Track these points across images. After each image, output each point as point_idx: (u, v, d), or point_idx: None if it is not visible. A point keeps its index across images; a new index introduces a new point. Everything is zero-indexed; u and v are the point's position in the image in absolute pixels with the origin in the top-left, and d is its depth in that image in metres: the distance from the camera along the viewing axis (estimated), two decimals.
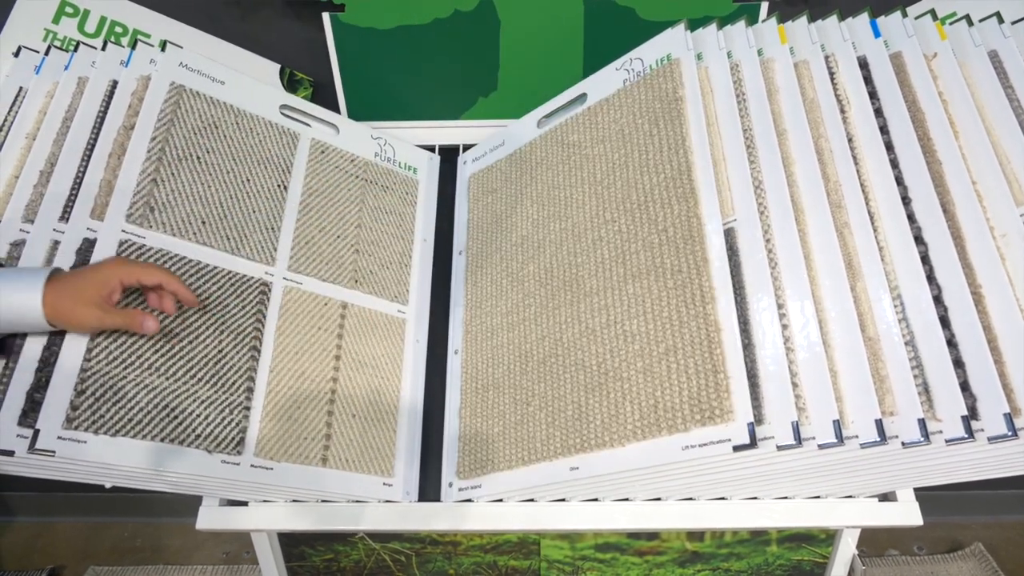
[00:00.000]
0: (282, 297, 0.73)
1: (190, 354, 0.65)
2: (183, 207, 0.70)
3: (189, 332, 0.66)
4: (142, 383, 0.61)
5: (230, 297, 0.70)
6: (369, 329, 0.78)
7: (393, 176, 0.87)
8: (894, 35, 0.68)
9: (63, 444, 0.56)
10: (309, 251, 0.77)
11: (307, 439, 0.69)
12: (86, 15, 0.85)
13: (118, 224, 0.65)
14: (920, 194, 0.59)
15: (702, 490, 0.69)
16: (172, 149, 0.71)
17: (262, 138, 0.78)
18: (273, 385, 0.69)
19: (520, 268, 0.76)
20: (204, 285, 0.68)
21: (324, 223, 0.79)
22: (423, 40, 0.88)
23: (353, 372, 0.75)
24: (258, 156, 0.77)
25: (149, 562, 1.38)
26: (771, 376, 0.55)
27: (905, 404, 0.52)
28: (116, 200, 0.66)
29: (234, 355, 0.67)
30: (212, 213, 0.71)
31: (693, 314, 0.59)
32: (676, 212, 0.64)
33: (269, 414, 0.68)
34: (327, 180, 0.81)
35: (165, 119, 0.71)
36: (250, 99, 0.79)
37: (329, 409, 0.72)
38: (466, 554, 0.83)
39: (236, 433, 0.65)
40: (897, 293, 0.56)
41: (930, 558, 1.31)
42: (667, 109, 0.69)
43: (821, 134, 0.64)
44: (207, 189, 0.72)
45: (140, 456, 0.59)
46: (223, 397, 0.65)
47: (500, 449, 0.69)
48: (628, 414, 0.60)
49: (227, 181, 0.73)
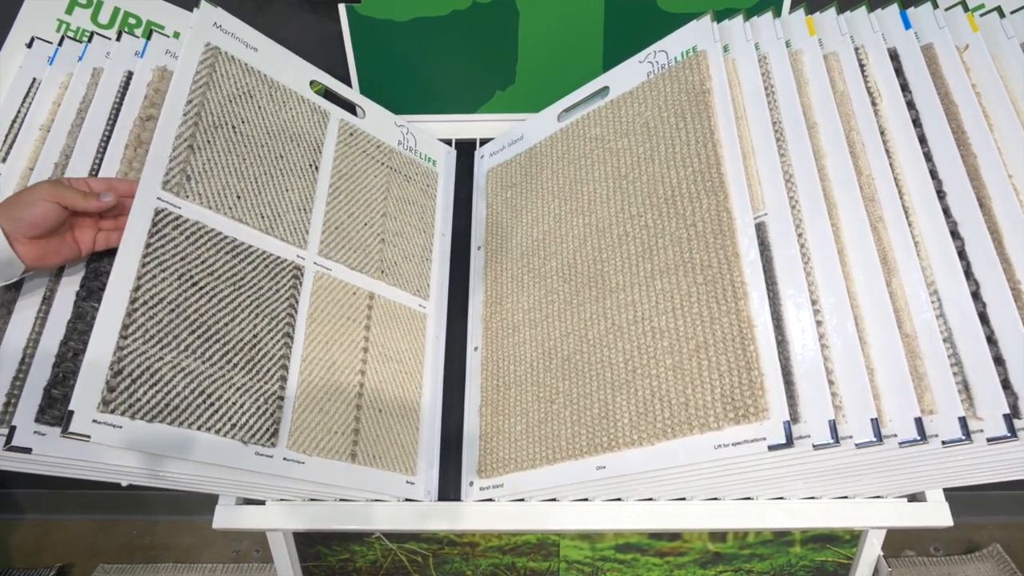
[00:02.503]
0: (313, 283, 0.71)
1: (225, 337, 0.62)
2: (219, 179, 0.66)
3: (225, 313, 0.62)
4: (179, 366, 0.58)
5: (264, 279, 0.67)
6: (394, 322, 0.76)
7: (415, 167, 0.86)
8: (925, 27, 0.66)
9: (98, 429, 0.52)
10: (339, 237, 0.74)
11: (337, 433, 0.67)
12: (99, 6, 0.84)
13: (153, 191, 0.61)
14: (955, 188, 0.58)
15: (729, 490, 0.68)
16: (207, 115, 0.67)
17: (294, 113, 0.75)
18: (305, 375, 0.67)
19: (542, 264, 0.75)
20: (239, 265, 0.65)
21: (352, 209, 0.77)
22: (440, 32, 0.87)
23: (380, 365, 0.73)
24: (290, 132, 0.73)
25: (159, 560, 1.37)
26: (806, 373, 0.54)
27: (945, 402, 0.51)
28: (151, 167, 0.61)
29: (268, 341, 0.65)
30: (247, 188, 0.68)
31: (724, 310, 0.58)
32: (705, 206, 0.63)
33: (301, 405, 0.65)
34: (355, 164, 0.79)
35: (201, 81, 0.67)
36: (282, 70, 0.76)
37: (358, 403, 0.70)
38: (484, 555, 0.82)
39: (271, 424, 0.62)
40: (934, 289, 0.55)
41: (947, 559, 1.30)
42: (694, 102, 0.68)
43: (852, 127, 0.63)
44: (242, 162, 0.68)
45: (175, 445, 0.56)
46: (257, 385, 0.63)
47: (523, 447, 0.68)
48: (657, 412, 0.59)
49: (261, 155, 0.70)
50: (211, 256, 0.64)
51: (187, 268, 0.62)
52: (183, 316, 0.60)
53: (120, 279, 0.57)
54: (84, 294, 0.60)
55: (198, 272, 0.62)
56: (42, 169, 0.67)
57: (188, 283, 0.61)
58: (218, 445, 0.59)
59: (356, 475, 0.68)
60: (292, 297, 0.68)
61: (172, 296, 0.60)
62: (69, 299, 0.60)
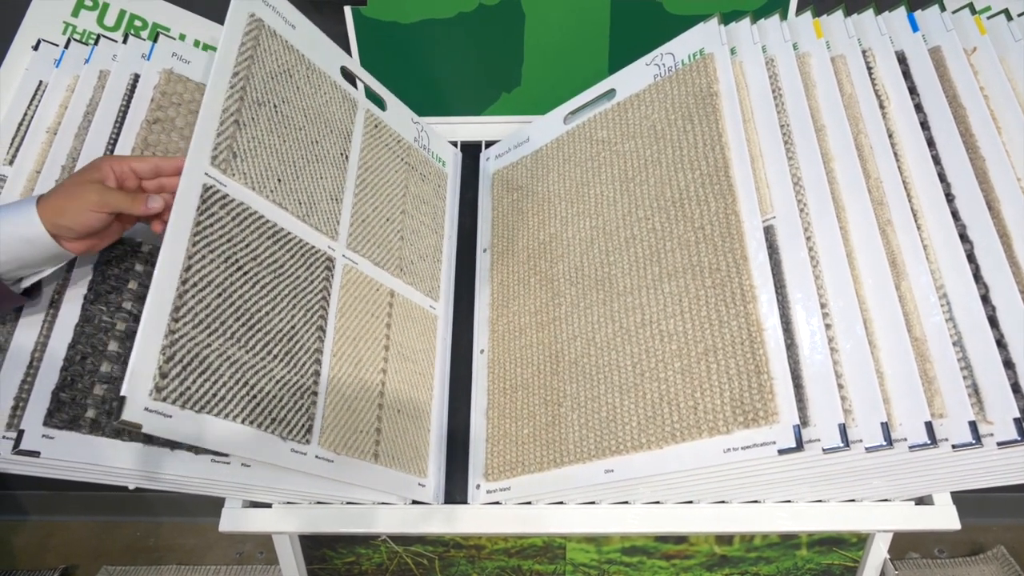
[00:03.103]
0: (342, 275, 0.69)
1: (267, 326, 0.60)
2: (262, 159, 0.63)
3: (266, 301, 0.61)
4: (225, 354, 0.56)
5: (301, 268, 0.65)
6: (410, 322, 0.75)
7: (429, 166, 0.85)
8: (932, 29, 0.66)
9: (149, 418, 0.49)
10: (365, 230, 0.73)
11: (362, 432, 0.66)
12: (105, 8, 0.84)
13: (201, 166, 0.58)
14: (964, 191, 0.58)
15: (736, 493, 0.68)
16: (252, 91, 0.63)
17: (328, 99, 0.73)
18: (335, 370, 0.65)
19: (549, 267, 0.75)
20: (279, 252, 0.63)
21: (377, 203, 0.75)
22: (446, 34, 0.87)
23: (399, 365, 0.72)
24: (325, 118, 0.71)
25: (162, 562, 1.37)
26: (815, 377, 0.54)
27: (955, 406, 0.51)
28: (199, 140, 0.58)
29: (304, 333, 0.63)
30: (287, 172, 0.65)
31: (733, 313, 0.58)
32: (713, 209, 0.63)
33: (331, 401, 0.64)
34: (378, 157, 0.78)
35: (246, 54, 0.64)
36: (318, 52, 0.73)
37: (380, 402, 0.69)
38: (490, 558, 0.82)
39: (306, 420, 0.61)
40: (943, 292, 0.55)
41: (951, 561, 1.30)
42: (701, 105, 0.67)
43: (860, 130, 0.63)
44: (283, 144, 0.65)
45: (221, 438, 0.54)
46: (295, 379, 0.61)
47: (530, 450, 0.68)
48: (666, 415, 0.59)
49: (299, 139, 0.68)
50: (254, 240, 0.61)
51: (233, 251, 0.59)
52: (229, 302, 0.57)
53: (170, 259, 0.54)
54: (92, 297, 0.60)
55: (242, 256, 0.60)
56: (49, 172, 0.67)
57: (233, 267, 0.58)
58: (260, 441, 0.57)
59: (377, 476, 0.67)
60: (325, 289, 0.66)
61: (219, 280, 0.57)
62: (77, 302, 0.60)
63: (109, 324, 0.60)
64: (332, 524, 0.71)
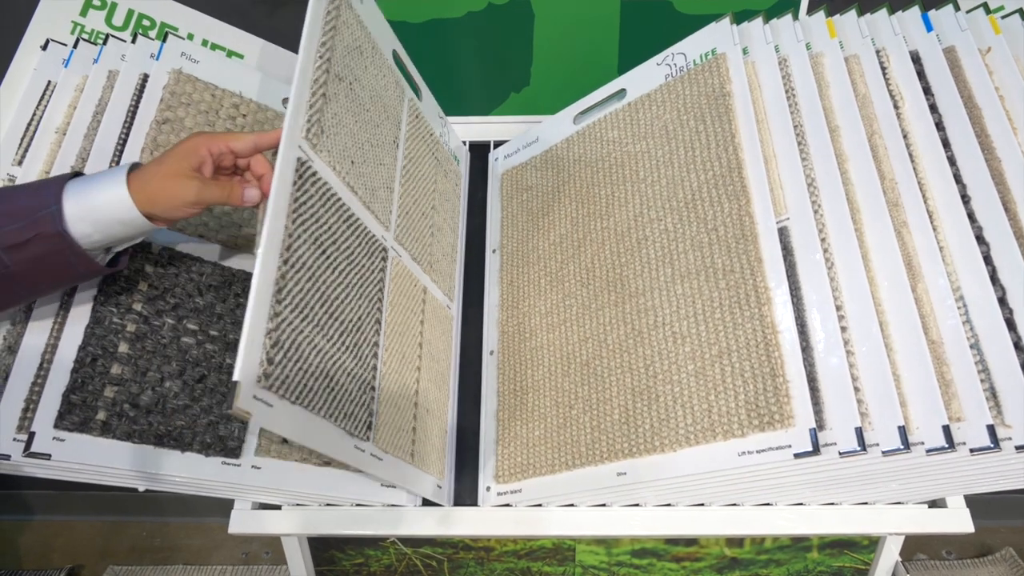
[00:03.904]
0: (392, 268, 0.66)
1: (341, 315, 0.56)
2: (340, 138, 0.59)
3: (342, 288, 0.57)
4: (313, 342, 0.52)
5: (365, 257, 0.62)
6: (436, 320, 0.74)
7: (450, 164, 0.84)
8: (946, 29, 0.66)
9: (256, 406, 0.45)
10: (408, 223, 0.70)
11: (403, 431, 0.63)
12: (114, 8, 0.84)
13: (296, 139, 0.54)
14: (980, 192, 0.57)
15: (749, 496, 0.67)
16: (335, 64, 0.59)
17: (385, 82, 0.69)
18: (386, 366, 0.62)
19: (559, 268, 0.74)
20: (351, 237, 0.60)
21: (417, 195, 0.73)
22: (456, 34, 0.87)
23: (429, 364, 0.70)
24: (384, 101, 0.67)
25: (168, 562, 1.37)
26: (831, 380, 0.53)
27: (972, 409, 0.50)
28: (293, 114, 0.54)
29: (366, 324, 0.60)
30: (358, 154, 0.61)
31: (748, 315, 0.58)
32: (727, 210, 0.62)
33: (383, 398, 0.61)
34: (418, 149, 0.75)
35: (331, 23, 0.59)
36: (379, 31, 0.68)
37: (415, 400, 0.67)
38: (499, 560, 0.82)
39: (367, 416, 0.58)
40: (959, 295, 0.55)
41: (959, 563, 1.29)
42: (714, 105, 0.67)
43: (875, 130, 0.62)
44: (356, 124, 0.62)
45: (306, 431, 0.51)
46: (360, 372, 0.58)
47: (542, 453, 0.68)
48: (680, 418, 0.59)
49: (366, 120, 0.64)
50: (334, 223, 0.58)
51: (319, 232, 0.55)
52: (316, 287, 0.53)
53: (273, 237, 0.50)
54: (102, 298, 0.60)
55: (326, 239, 0.56)
56: (58, 173, 0.67)
57: (319, 250, 0.54)
58: (335, 437, 0.53)
59: (410, 476, 0.65)
60: (381, 280, 0.64)
61: (310, 262, 0.53)
62: (87, 303, 0.60)
63: (119, 326, 0.60)
64: (342, 526, 0.71)
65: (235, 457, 0.63)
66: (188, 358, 0.62)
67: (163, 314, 0.62)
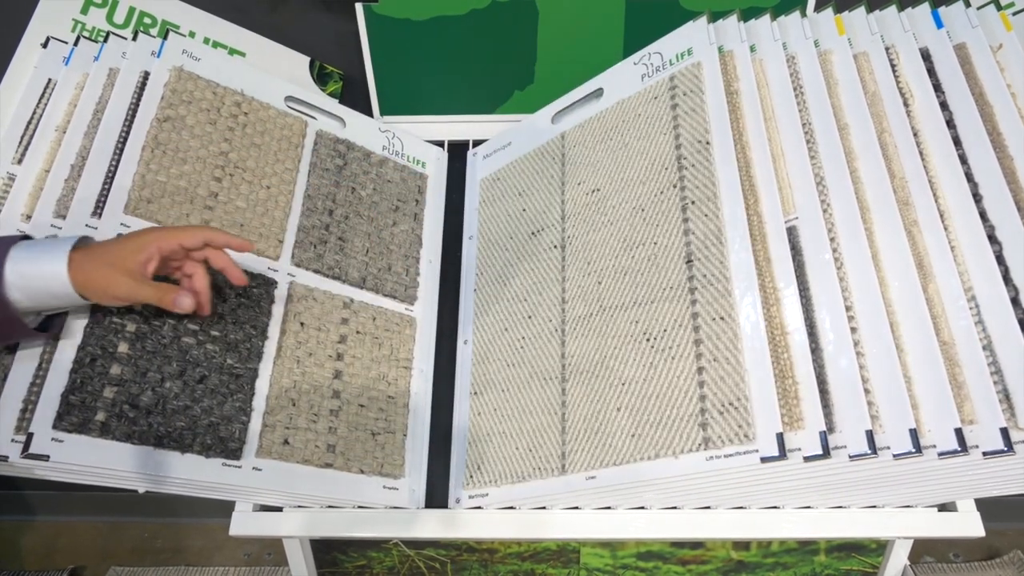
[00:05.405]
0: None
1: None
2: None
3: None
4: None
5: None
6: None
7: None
8: (957, 26, 0.65)
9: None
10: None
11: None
12: (115, 5, 0.83)
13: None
14: (992, 191, 0.56)
15: (756, 499, 0.66)
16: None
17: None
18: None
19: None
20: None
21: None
22: (459, 31, 0.86)
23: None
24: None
25: (170, 563, 1.36)
26: (842, 382, 0.52)
27: (985, 411, 0.49)
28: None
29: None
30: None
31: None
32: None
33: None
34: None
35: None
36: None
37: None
38: (503, 562, 0.81)
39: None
40: (971, 295, 0.54)
41: (967, 565, 1.28)
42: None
43: (885, 128, 0.61)
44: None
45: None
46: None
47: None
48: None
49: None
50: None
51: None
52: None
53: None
54: None
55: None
56: (58, 171, 0.67)
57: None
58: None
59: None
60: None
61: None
62: (86, 304, 0.59)
63: (119, 325, 0.59)
64: (344, 528, 0.70)
65: (236, 459, 0.62)
66: (188, 358, 0.62)
67: (163, 314, 0.61)
